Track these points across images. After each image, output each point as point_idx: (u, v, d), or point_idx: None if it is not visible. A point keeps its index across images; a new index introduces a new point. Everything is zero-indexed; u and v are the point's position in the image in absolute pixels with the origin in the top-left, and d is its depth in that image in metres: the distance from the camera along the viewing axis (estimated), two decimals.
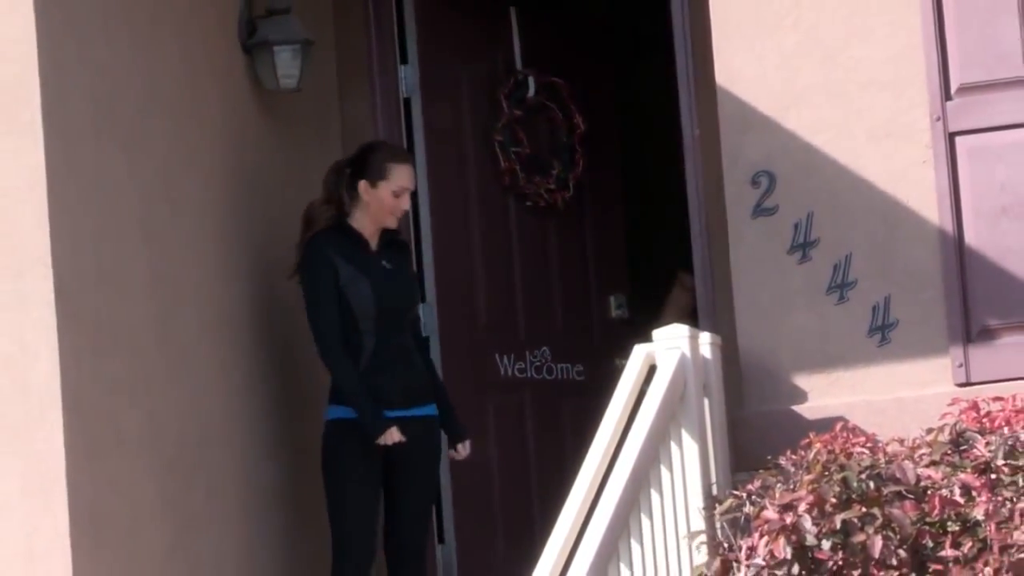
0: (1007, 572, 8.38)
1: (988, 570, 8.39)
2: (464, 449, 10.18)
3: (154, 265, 10.05)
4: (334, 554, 9.99)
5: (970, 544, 8.50)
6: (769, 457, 9.10)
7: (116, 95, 9.86)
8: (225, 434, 10.58)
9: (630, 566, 8.75)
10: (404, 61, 11.88)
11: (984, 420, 8.95)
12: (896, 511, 8.53)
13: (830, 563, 8.56)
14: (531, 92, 12.08)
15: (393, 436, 9.72)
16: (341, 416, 9.93)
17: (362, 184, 10.14)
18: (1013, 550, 8.38)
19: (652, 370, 9.31)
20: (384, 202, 10.13)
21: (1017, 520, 8.47)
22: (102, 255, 9.66)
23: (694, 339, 9.47)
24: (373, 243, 10.22)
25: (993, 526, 8.46)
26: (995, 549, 8.39)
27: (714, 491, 9.34)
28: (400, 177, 10.14)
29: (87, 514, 9.29)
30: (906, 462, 8.71)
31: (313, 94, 11.47)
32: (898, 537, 8.55)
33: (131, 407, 9.73)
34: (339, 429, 9.94)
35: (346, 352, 10.13)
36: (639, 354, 9.36)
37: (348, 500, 9.94)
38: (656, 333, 9.47)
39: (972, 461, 8.77)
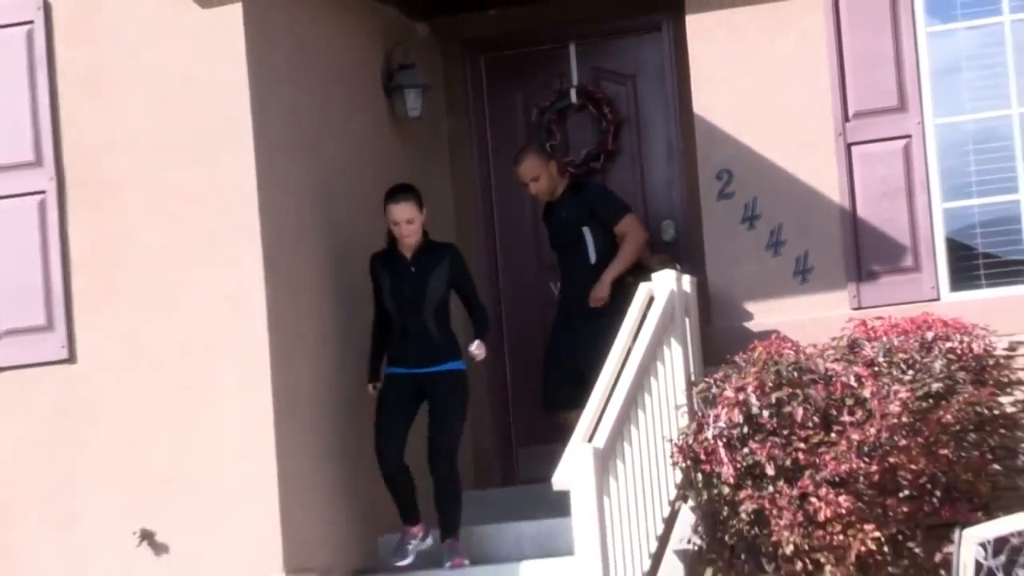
0: (884, 431, 8.65)
1: (872, 430, 8.64)
2: (477, 349, 9.62)
3: (327, 240, 10.15)
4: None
5: (860, 413, 8.78)
6: (728, 356, 9.48)
7: (301, 122, 10.06)
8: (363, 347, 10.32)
9: (637, 427, 8.91)
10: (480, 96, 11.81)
11: (870, 332, 9.35)
12: (811, 391, 8.90)
13: (767, 425, 8.85)
14: (574, 100, 11.55)
15: (370, 390, 9.83)
16: (387, 371, 9.84)
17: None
18: (889, 416, 8.67)
19: (651, 300, 9.50)
20: (392, 230, 9.78)
21: (892, 397, 8.75)
22: (293, 230, 9.79)
23: (679, 279, 9.68)
24: (408, 254, 9.77)
25: (876, 401, 8.78)
26: (877, 416, 8.71)
27: (692, 378, 9.64)
28: (390, 213, 9.75)
29: (284, 401, 9.43)
30: (818, 359, 9.14)
31: (429, 120, 11.40)
32: (813, 408, 8.85)
33: (311, 327, 9.83)
34: (385, 378, 9.84)
35: (382, 329, 9.94)
36: (643, 289, 9.58)
37: (377, 421, 9.72)
38: (654, 276, 9.68)
39: (862, 359, 9.11)
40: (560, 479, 8.39)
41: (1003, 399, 9.35)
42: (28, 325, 9.77)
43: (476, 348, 9.56)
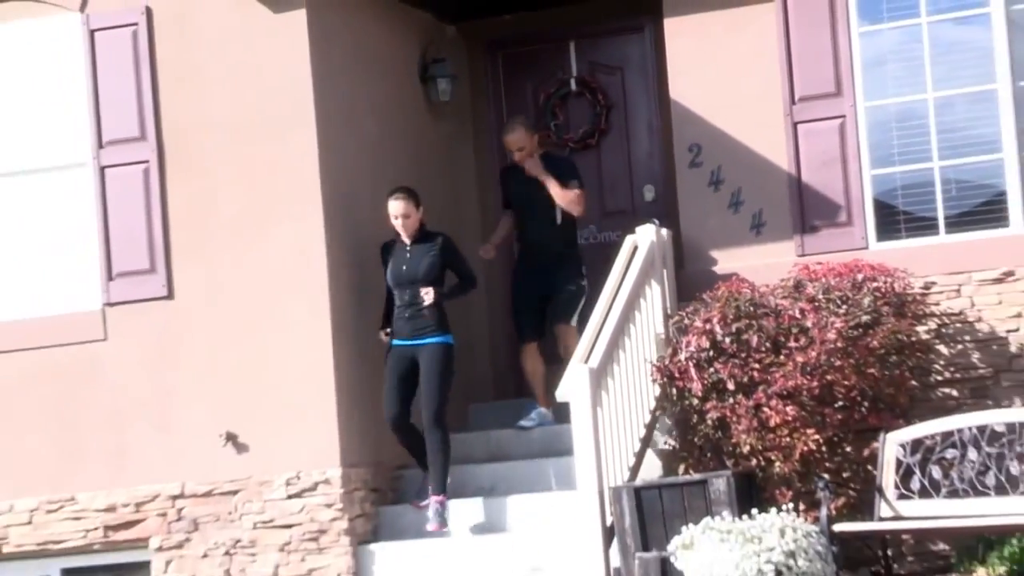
0: (823, 354, 8.81)
1: (813, 353, 8.77)
2: (425, 293, 9.29)
3: (372, 201, 10.00)
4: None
5: (803, 339, 8.94)
6: (697, 294, 9.58)
7: (353, 106, 10.13)
8: None
9: (624, 351, 9.04)
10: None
11: (811, 274, 9.40)
12: (764, 322, 9.08)
13: (729, 350, 9.01)
14: (573, 87, 11.36)
15: (382, 336, 9.62)
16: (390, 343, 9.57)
17: None
18: (827, 343, 8.82)
19: (635, 249, 9.63)
20: (392, 223, 9.55)
21: (829, 327, 8.88)
22: (347, 193, 9.88)
23: (658, 232, 9.80)
24: (408, 242, 9.52)
25: (816, 330, 8.91)
26: (817, 342, 8.86)
27: (668, 312, 9.75)
28: (390, 208, 9.55)
29: (340, 330, 9.56)
30: (769, 296, 9.29)
31: (456, 104, 11.33)
32: (765, 336, 9.02)
33: (359, 273, 9.83)
34: (390, 349, 9.55)
35: (390, 300, 9.63)
36: (629, 240, 9.72)
37: (385, 385, 9.46)
38: (638, 229, 9.78)
39: (805, 296, 9.20)
40: (562, 393, 8.60)
41: (919, 328, 9.50)
42: (136, 269, 9.93)
43: (424, 292, 9.33)
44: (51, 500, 9.94)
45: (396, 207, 9.52)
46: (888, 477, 8.84)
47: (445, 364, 9.44)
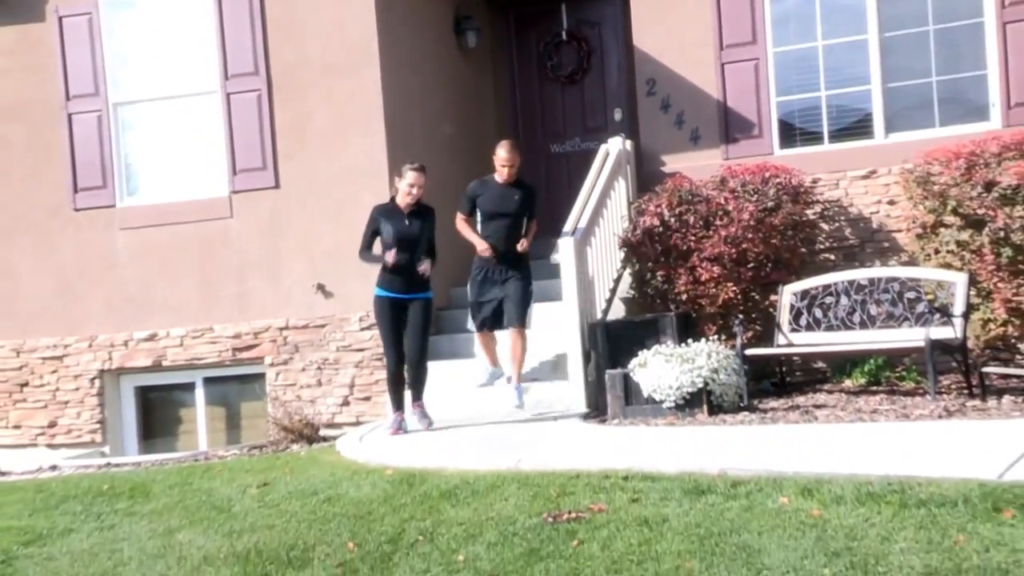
0: (740, 230, 8.67)
1: (732, 229, 8.65)
2: (423, 266, 7.99)
3: (423, 122, 10.00)
4: (385, 360, 8.19)
5: (726, 219, 8.77)
6: (651, 187, 9.46)
7: (409, 51, 9.90)
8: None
9: (599, 226, 8.91)
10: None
11: (733, 173, 9.22)
12: (699, 207, 8.91)
13: (673, 226, 8.84)
14: (564, 38, 11.08)
15: (391, 256, 7.92)
16: (378, 294, 8.05)
17: (396, 180, 8.14)
18: (743, 221, 8.70)
19: (607, 154, 9.42)
20: (402, 190, 8.04)
21: (744, 210, 8.72)
22: (404, 115, 9.66)
23: (624, 142, 9.65)
24: (406, 211, 8.03)
25: (735, 213, 8.77)
26: (736, 221, 8.72)
27: (631, 199, 9.61)
28: (410, 178, 8.00)
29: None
30: (702, 189, 9.11)
31: (481, 50, 11.05)
32: (699, 217, 8.87)
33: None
34: (379, 301, 8.04)
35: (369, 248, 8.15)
36: (602, 148, 9.51)
37: (384, 335, 8.04)
38: (610, 140, 9.61)
39: (728, 188, 9.04)
40: (555, 257, 8.48)
41: (808, 211, 9.37)
42: (252, 167, 9.78)
43: (422, 266, 7.99)
44: (195, 329, 9.96)
45: (417, 178, 8.09)
46: (784, 317, 8.84)
47: (430, 313, 8.22)
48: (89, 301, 10.18)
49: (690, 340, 8.00)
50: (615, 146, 9.50)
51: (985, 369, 7.88)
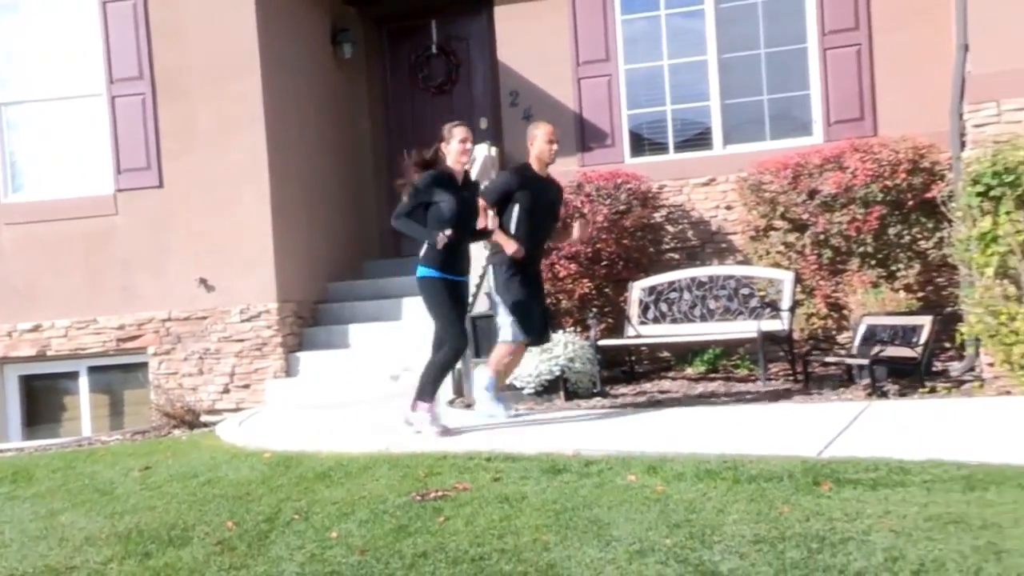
0: (595, 230, 8.66)
1: (588, 230, 8.28)
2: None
3: (301, 122, 9.79)
4: (449, 342, 6.57)
5: (584, 220, 8.43)
6: None
7: (287, 58, 9.63)
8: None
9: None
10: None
11: (588, 178, 9.16)
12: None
13: None
14: (434, 51, 10.80)
15: (446, 236, 6.34)
16: (436, 275, 6.42)
17: (443, 146, 6.48)
18: (597, 223, 8.71)
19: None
20: (454, 152, 6.51)
21: (599, 213, 8.78)
22: (283, 115, 9.45)
23: (490, 148, 9.47)
24: (460, 178, 6.59)
25: (591, 215, 8.77)
26: (590, 222, 8.65)
27: None
28: (458, 134, 6.50)
29: (277, 210, 9.25)
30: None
31: (357, 60, 10.83)
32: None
33: (292, 170, 9.51)
34: (436, 283, 6.42)
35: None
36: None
37: (448, 316, 6.46)
38: (476, 147, 8.94)
39: (584, 193, 9.03)
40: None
41: (655, 214, 9.46)
42: (137, 166, 9.49)
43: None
44: (80, 320, 9.61)
45: (468, 133, 6.66)
46: (634, 310, 8.88)
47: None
48: None
49: (549, 331, 7.95)
50: (481, 152, 9.33)
51: (808, 358, 8.11)
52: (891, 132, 8.88)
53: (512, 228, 6.94)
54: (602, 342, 8.30)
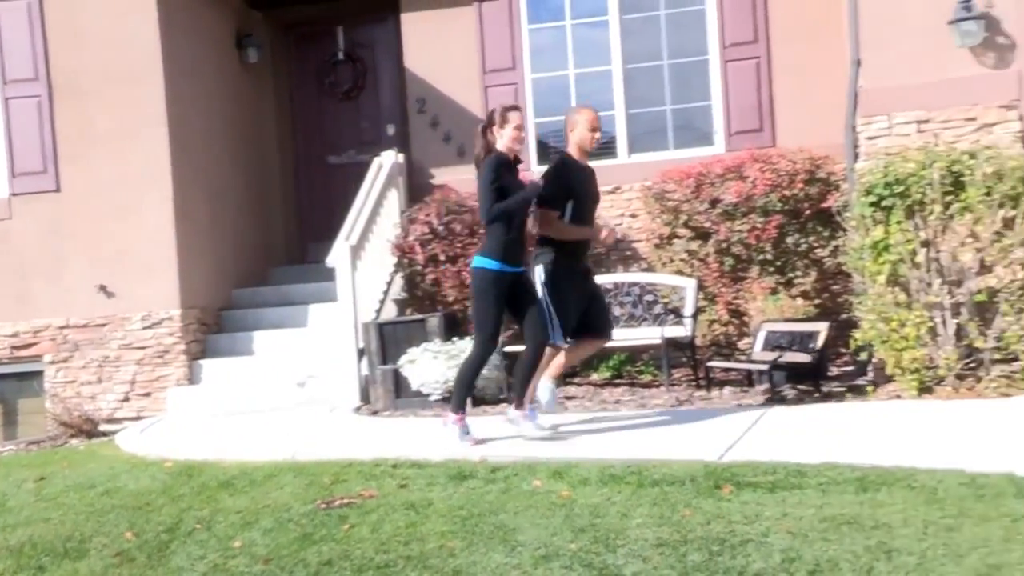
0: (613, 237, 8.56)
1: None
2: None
3: (205, 124, 9.65)
4: (477, 339, 6.26)
5: (612, 229, 8.41)
6: (422, 197, 9.43)
7: (192, 62, 9.48)
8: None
9: (374, 232, 8.76)
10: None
11: None
12: (464, 216, 8.81)
13: (442, 234, 8.75)
14: (341, 57, 10.73)
15: (534, 187, 6.24)
16: (498, 268, 5.98)
17: (494, 129, 6.17)
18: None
19: (380, 167, 9.31)
20: (509, 136, 6.17)
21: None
22: (186, 119, 9.30)
23: (396, 155, 9.52)
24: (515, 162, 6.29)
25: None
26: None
27: (402, 208, 9.50)
28: (513, 119, 6.16)
29: (182, 214, 9.09)
30: (468, 200, 8.94)
31: (262, 65, 10.70)
32: (464, 225, 8.77)
33: (195, 173, 9.38)
34: (497, 277, 5.97)
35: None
36: (376, 161, 9.39)
37: (493, 316, 6.09)
38: (383, 153, 9.48)
39: None
40: (331, 260, 8.30)
41: None
42: (33, 170, 9.26)
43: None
44: None
45: (522, 118, 6.32)
46: None
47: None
48: None
49: (455, 339, 7.99)
50: (388, 159, 9.39)
51: (710, 363, 8.19)
52: (789, 143, 9.06)
53: (566, 222, 6.46)
54: (509, 348, 8.24)
